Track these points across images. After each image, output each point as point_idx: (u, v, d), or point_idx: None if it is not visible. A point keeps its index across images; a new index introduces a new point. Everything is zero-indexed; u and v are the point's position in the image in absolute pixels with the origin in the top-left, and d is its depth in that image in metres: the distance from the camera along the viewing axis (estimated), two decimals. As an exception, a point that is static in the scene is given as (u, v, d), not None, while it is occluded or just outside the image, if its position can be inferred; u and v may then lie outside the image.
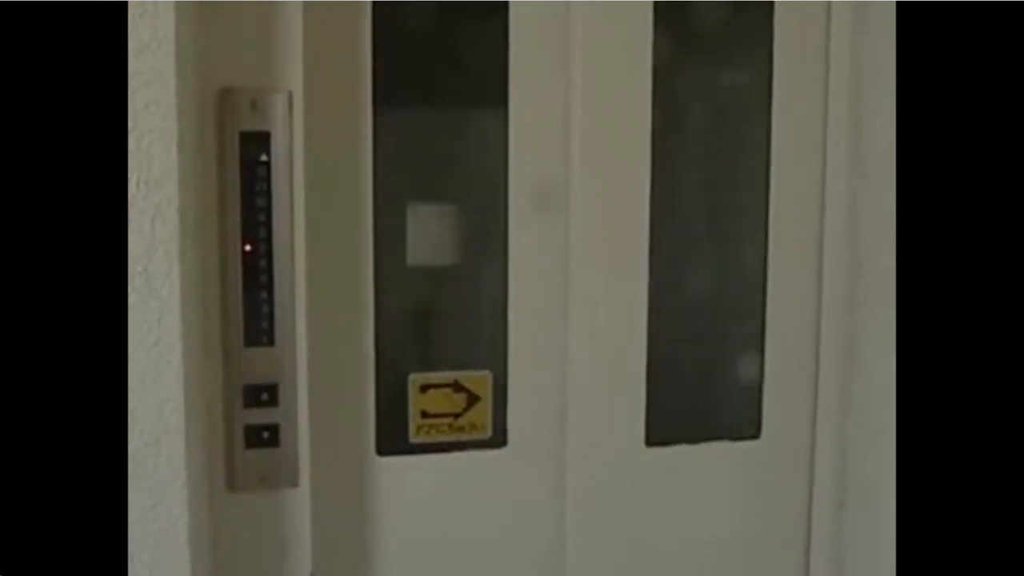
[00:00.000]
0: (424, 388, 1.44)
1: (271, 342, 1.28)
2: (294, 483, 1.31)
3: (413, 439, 1.44)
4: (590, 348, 1.48)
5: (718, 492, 1.57)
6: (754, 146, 1.54)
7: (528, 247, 1.45)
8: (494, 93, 1.43)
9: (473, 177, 1.51)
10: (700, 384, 1.66)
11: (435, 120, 1.47)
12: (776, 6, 1.51)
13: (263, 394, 1.28)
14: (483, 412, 1.46)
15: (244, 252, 1.26)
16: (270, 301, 1.27)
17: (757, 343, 1.56)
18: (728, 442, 1.58)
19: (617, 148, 1.47)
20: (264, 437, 1.29)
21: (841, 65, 1.52)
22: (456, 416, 1.46)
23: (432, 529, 1.47)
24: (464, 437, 1.46)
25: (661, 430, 1.53)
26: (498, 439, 1.47)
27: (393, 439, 1.43)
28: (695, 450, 1.56)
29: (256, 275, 1.26)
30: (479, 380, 1.46)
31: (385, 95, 1.37)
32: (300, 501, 1.31)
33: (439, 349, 1.51)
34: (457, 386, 1.45)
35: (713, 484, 1.56)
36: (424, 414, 1.44)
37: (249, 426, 1.29)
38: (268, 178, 1.25)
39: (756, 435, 1.57)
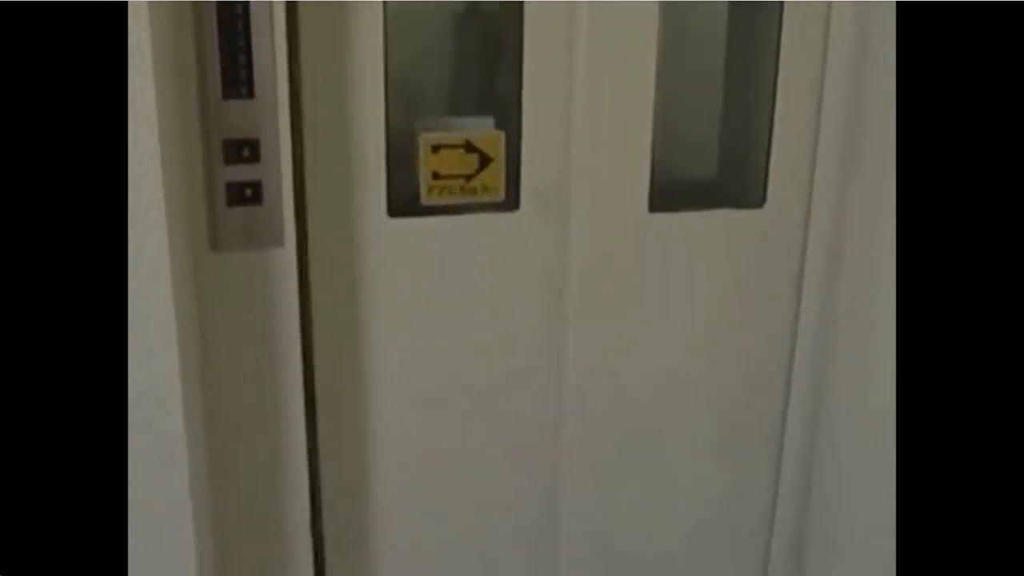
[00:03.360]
0: (436, 148, 1.39)
1: (250, 94, 1.21)
2: (279, 242, 1.27)
3: (425, 200, 1.40)
4: (598, 111, 1.42)
5: (717, 258, 1.54)
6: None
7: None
8: None
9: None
10: (706, 152, 1.61)
11: None
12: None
13: (244, 149, 1.22)
14: (496, 174, 1.41)
15: (219, -5, 1.17)
16: (247, 49, 1.18)
17: (767, 108, 1.49)
18: (732, 210, 1.54)
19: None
20: (247, 194, 1.24)
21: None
22: (468, 178, 1.41)
23: (439, 290, 1.44)
24: (476, 199, 1.42)
25: (665, 197, 1.48)
26: (511, 202, 1.43)
27: (404, 201, 1.38)
28: (698, 217, 1.52)
29: (232, 20, 1.18)
30: (491, 140, 1.40)
31: None
32: (286, 260, 1.28)
33: (451, 107, 1.45)
34: (469, 147, 1.40)
35: (713, 250, 1.54)
36: (435, 175, 1.39)
37: (231, 183, 1.23)
38: (244, -88, 1.16)
39: (760, 204, 1.53)
